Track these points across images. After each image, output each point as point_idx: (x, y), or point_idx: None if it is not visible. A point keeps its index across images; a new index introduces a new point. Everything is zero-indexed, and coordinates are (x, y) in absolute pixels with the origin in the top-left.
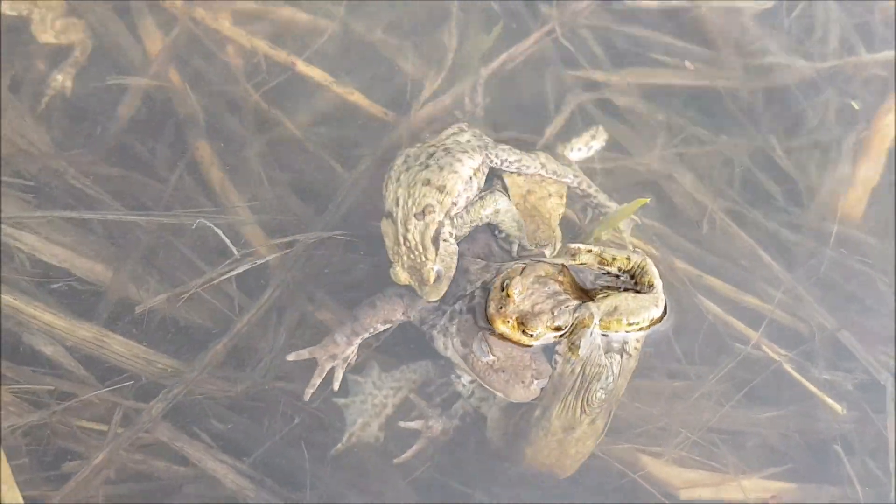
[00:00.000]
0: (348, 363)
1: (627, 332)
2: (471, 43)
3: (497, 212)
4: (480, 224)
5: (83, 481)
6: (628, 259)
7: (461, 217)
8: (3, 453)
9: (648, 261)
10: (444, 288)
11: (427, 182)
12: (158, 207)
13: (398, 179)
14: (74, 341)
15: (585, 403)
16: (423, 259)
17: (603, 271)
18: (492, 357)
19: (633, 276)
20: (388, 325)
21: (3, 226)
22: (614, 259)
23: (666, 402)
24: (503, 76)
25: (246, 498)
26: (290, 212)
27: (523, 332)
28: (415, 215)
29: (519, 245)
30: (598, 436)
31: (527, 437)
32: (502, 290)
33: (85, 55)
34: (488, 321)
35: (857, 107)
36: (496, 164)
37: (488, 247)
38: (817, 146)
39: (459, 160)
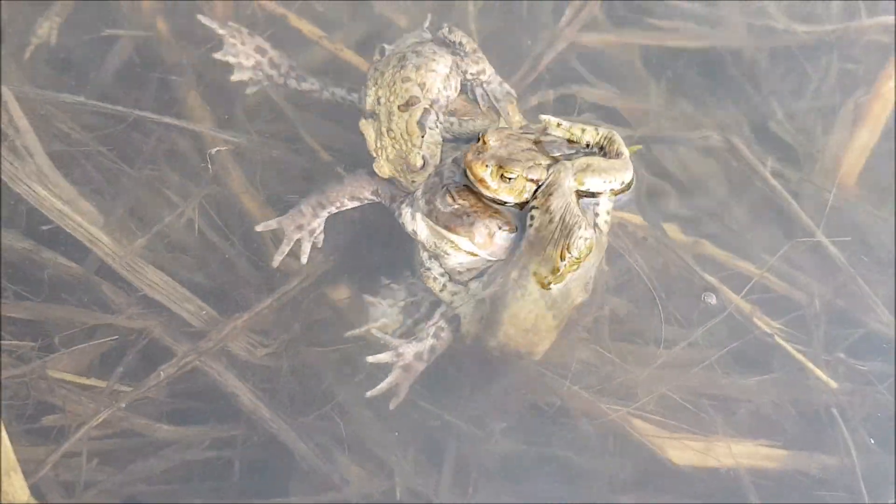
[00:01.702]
0: (314, 236)
1: (598, 191)
2: None
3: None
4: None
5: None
6: (597, 131)
7: (452, 122)
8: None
9: (615, 133)
10: (427, 175)
11: (407, 79)
12: (142, 158)
13: (376, 82)
14: None
15: (566, 250)
16: (410, 145)
17: (572, 149)
18: (457, 204)
19: (601, 148)
20: (356, 202)
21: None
22: (584, 131)
23: (656, 368)
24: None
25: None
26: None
27: (501, 176)
28: (399, 107)
29: None
30: (570, 306)
31: (504, 301)
32: (479, 141)
33: (69, 4)
34: (467, 170)
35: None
36: (466, 69)
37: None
38: (819, 111)
39: (434, 59)
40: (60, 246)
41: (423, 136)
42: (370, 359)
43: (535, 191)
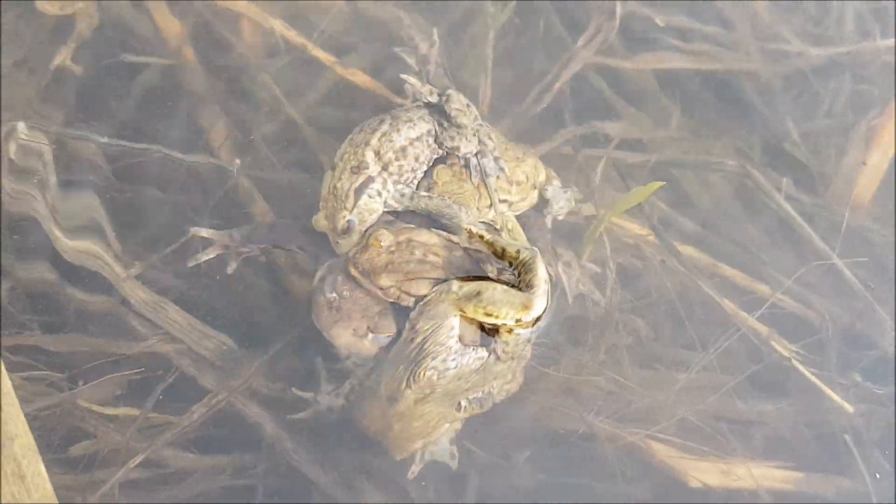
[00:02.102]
0: (241, 257)
1: (487, 321)
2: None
3: (440, 216)
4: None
5: None
6: (517, 253)
7: (404, 194)
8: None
9: (538, 261)
10: (354, 241)
11: (367, 143)
12: (173, 186)
13: (351, 138)
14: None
15: (412, 377)
16: (342, 206)
17: (500, 264)
18: (333, 294)
19: (518, 272)
20: (280, 248)
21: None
22: (504, 251)
23: (674, 391)
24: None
25: None
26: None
27: (371, 282)
28: (350, 168)
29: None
30: (430, 422)
31: (362, 395)
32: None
33: (90, 28)
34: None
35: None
36: (443, 142)
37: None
38: (832, 132)
39: (397, 129)
40: (85, 279)
41: (356, 203)
42: (295, 391)
43: (416, 301)
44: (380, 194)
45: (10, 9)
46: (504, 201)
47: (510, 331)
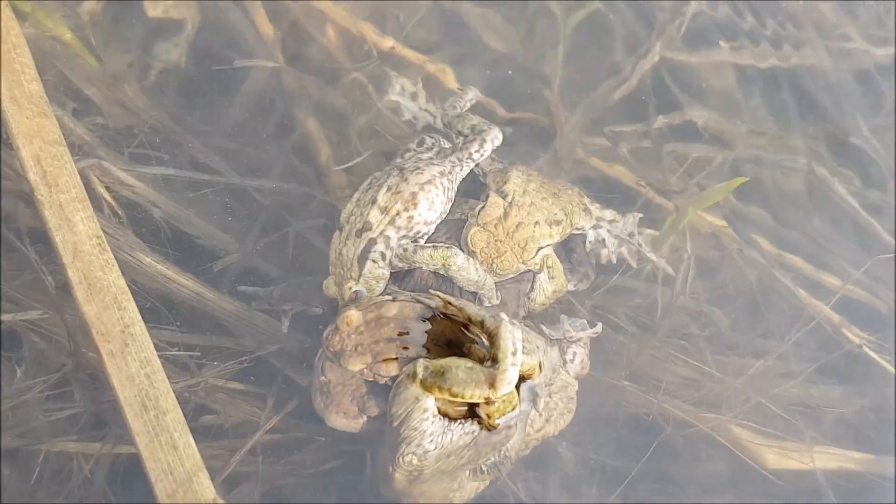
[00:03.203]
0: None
1: (455, 402)
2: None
3: (448, 267)
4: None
5: None
6: (482, 322)
7: (406, 249)
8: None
9: (503, 331)
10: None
11: (373, 202)
12: (271, 181)
13: (357, 199)
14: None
15: (394, 462)
16: (348, 275)
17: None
18: (324, 377)
19: (489, 342)
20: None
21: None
22: (470, 319)
23: (749, 377)
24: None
25: None
26: None
27: (341, 365)
28: (356, 231)
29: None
30: (437, 497)
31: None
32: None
33: (194, 30)
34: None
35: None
36: (461, 172)
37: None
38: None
39: (405, 179)
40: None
41: (360, 272)
42: None
43: (388, 380)
44: (383, 257)
45: (113, 9)
46: (547, 246)
47: (488, 403)
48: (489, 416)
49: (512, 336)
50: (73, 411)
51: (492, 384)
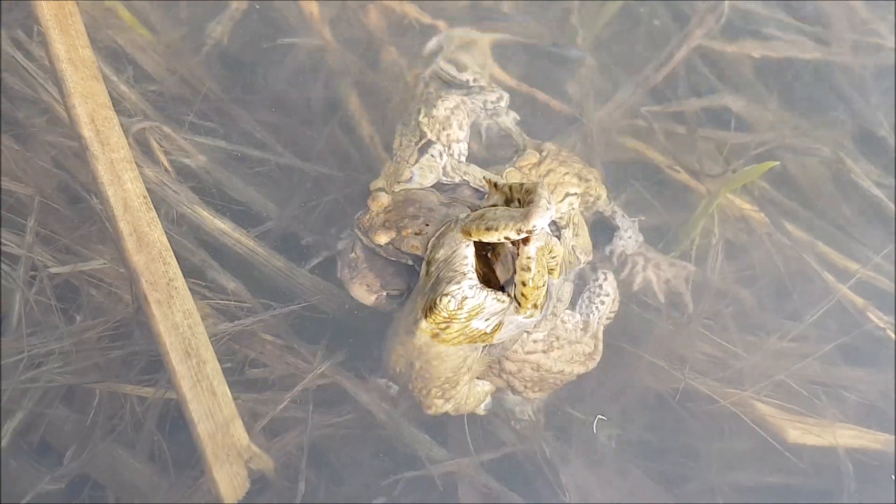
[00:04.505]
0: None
1: (488, 238)
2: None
3: None
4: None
5: None
6: (521, 186)
7: (459, 163)
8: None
9: (542, 186)
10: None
11: (417, 123)
12: (313, 157)
13: (400, 132)
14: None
15: (428, 306)
16: (405, 162)
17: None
18: (353, 254)
19: (520, 202)
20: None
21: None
22: (510, 188)
23: (774, 356)
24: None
25: None
26: None
27: (370, 240)
28: (414, 143)
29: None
30: (451, 365)
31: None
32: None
33: (240, 9)
34: None
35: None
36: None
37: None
38: None
39: (434, 106)
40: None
41: (418, 159)
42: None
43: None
44: (441, 155)
45: None
46: (574, 194)
47: (524, 282)
48: (522, 296)
49: (548, 194)
50: (128, 355)
51: (525, 216)
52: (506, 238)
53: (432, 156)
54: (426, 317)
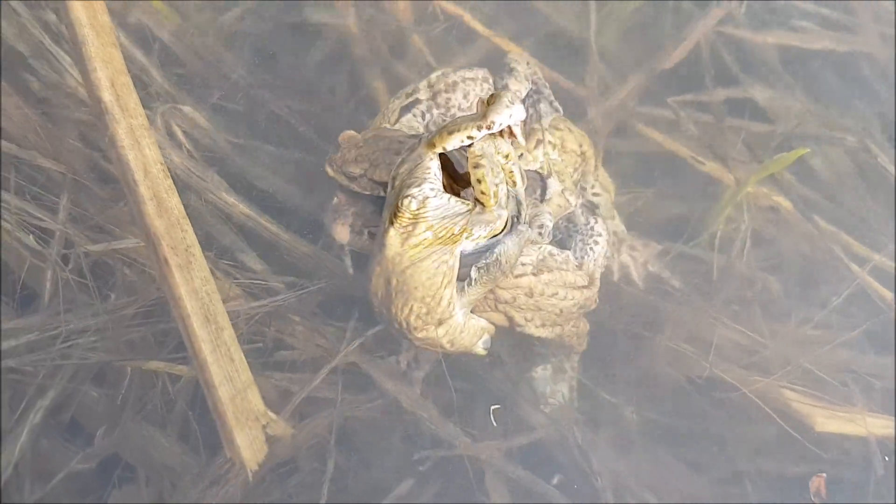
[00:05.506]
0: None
1: (451, 140)
2: None
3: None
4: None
5: None
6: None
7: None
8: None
9: (509, 89)
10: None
11: (426, 79)
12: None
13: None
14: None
15: (392, 211)
16: (385, 120)
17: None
18: (336, 199)
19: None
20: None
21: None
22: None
23: (800, 343)
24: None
25: None
26: None
27: (342, 173)
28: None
29: None
30: (428, 272)
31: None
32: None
33: None
34: None
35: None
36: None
37: None
38: None
39: (454, 70)
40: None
41: (398, 118)
42: None
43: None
44: (423, 116)
45: None
46: (552, 144)
47: (478, 179)
48: (482, 194)
49: (511, 95)
50: (160, 333)
51: (484, 114)
52: (469, 138)
53: (413, 115)
54: (392, 224)
